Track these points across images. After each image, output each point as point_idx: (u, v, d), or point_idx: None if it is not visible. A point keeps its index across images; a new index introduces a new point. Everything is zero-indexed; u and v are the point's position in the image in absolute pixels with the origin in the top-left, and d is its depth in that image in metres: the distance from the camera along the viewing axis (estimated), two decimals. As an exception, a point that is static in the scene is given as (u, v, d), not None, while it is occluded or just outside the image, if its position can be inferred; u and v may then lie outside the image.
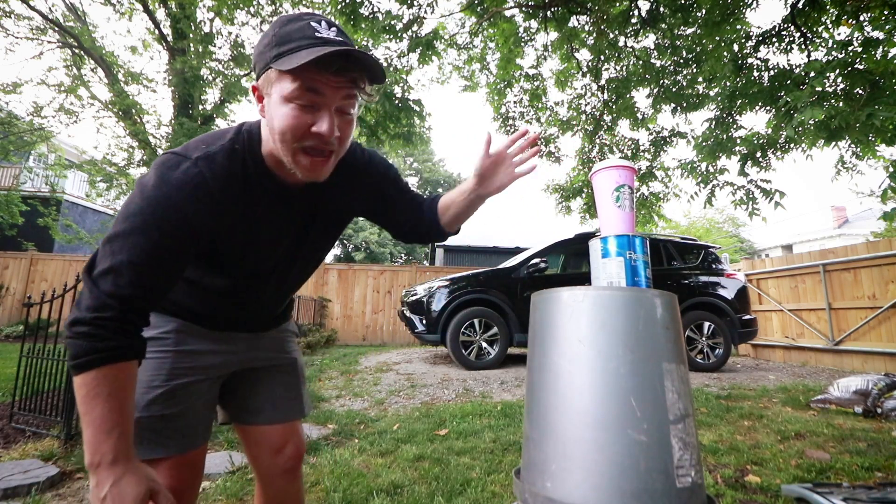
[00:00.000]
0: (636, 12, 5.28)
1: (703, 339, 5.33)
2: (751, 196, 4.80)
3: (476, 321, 5.14)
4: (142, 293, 0.71)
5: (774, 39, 4.64)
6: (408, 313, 5.53)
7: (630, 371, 0.63)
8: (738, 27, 4.80)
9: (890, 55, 3.23)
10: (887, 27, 3.33)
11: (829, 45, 3.44)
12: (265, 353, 1.06)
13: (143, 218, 0.70)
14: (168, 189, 0.71)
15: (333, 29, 0.73)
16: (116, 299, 0.69)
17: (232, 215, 0.79)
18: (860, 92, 3.22)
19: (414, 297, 5.53)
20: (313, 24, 0.72)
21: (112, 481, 0.67)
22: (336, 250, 27.78)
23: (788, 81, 3.84)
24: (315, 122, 0.73)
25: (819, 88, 3.12)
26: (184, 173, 0.73)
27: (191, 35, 9.84)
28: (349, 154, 0.93)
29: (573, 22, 5.81)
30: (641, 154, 6.69)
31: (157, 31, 10.43)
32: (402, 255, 31.17)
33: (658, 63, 5.83)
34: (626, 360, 0.64)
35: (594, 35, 5.82)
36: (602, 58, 6.08)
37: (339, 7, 4.60)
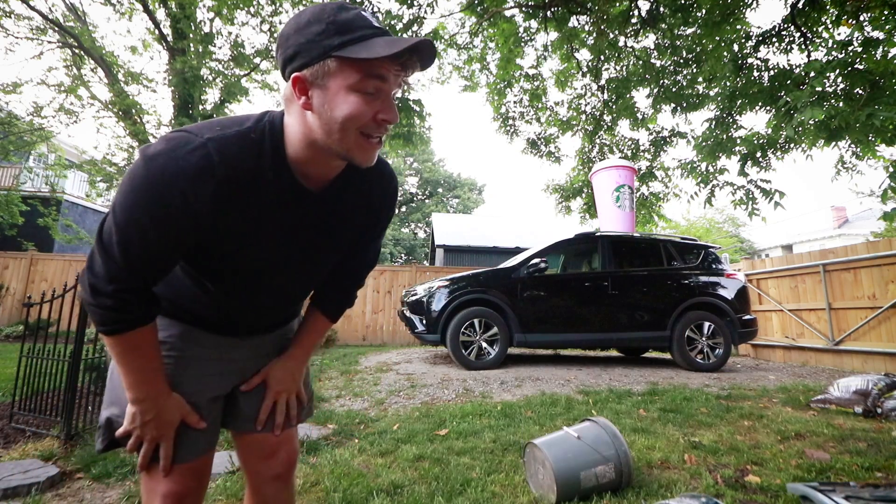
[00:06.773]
0: (636, 12, 5.28)
1: (703, 339, 5.32)
2: (751, 196, 4.80)
3: (476, 321, 5.14)
4: (149, 268, 0.76)
5: (774, 39, 4.64)
6: (408, 313, 5.53)
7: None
8: (738, 27, 4.80)
9: (890, 55, 3.24)
10: (887, 27, 3.34)
11: (829, 45, 3.44)
12: (267, 359, 1.03)
13: (146, 193, 0.69)
14: (172, 166, 0.69)
15: (375, 17, 0.75)
16: (127, 272, 0.73)
17: (234, 206, 0.75)
18: (860, 92, 3.22)
19: (414, 297, 5.52)
20: (364, 13, 0.72)
21: (155, 413, 0.82)
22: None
23: (788, 81, 3.84)
24: (380, 109, 0.73)
25: (819, 88, 3.12)
26: (190, 152, 0.69)
27: (191, 35, 9.84)
28: (378, 165, 0.91)
29: (573, 22, 5.81)
30: (641, 154, 6.69)
31: (157, 31, 10.43)
32: (402, 255, 31.19)
33: (658, 63, 5.83)
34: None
35: (594, 35, 5.82)
36: (602, 58, 6.08)
37: (339, 7, 4.59)
